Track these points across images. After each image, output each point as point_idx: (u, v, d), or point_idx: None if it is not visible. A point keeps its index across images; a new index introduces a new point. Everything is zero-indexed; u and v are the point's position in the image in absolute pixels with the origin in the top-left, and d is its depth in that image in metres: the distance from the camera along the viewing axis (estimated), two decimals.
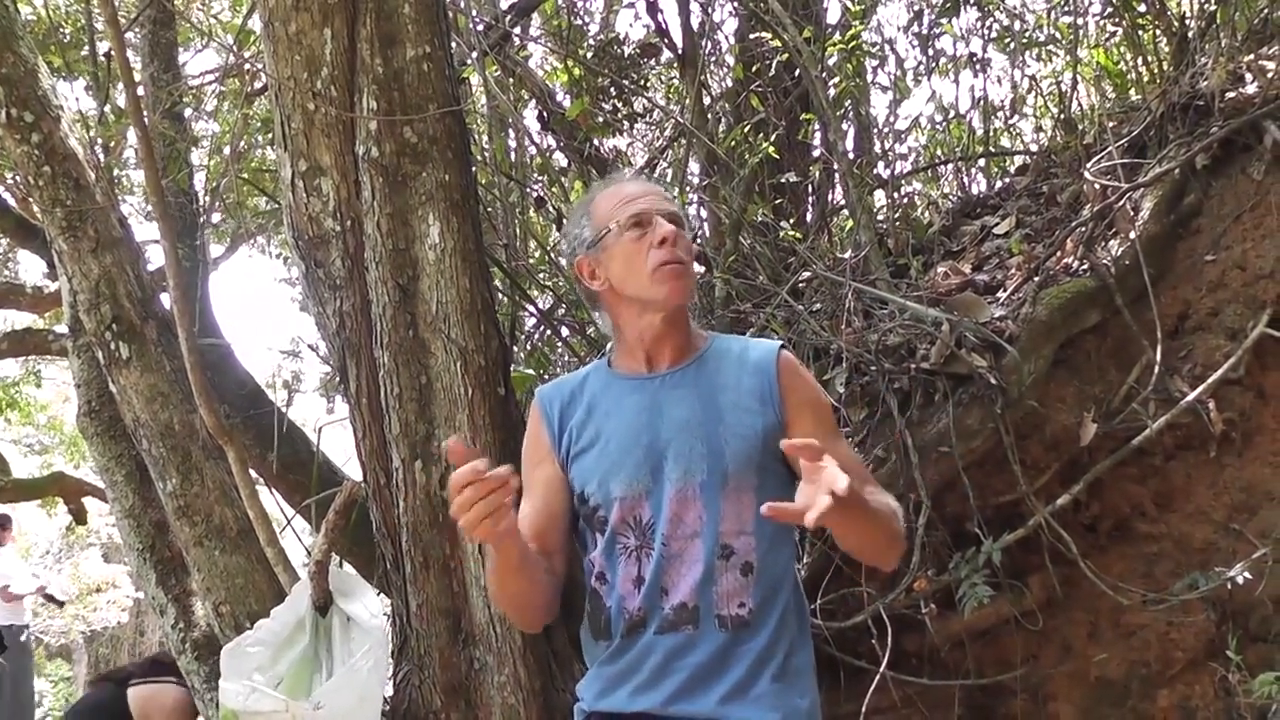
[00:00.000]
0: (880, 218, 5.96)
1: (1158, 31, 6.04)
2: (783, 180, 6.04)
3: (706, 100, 6.84)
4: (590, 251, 2.65)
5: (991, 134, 6.82)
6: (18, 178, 5.59)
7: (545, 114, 6.98)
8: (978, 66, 6.59)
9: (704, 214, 6.42)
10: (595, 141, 6.62)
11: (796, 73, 6.05)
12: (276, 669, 3.44)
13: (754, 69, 6.25)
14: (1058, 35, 6.86)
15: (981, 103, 6.66)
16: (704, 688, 2.46)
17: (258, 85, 6.40)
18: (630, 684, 2.53)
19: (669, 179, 6.81)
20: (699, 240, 2.85)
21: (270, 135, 4.68)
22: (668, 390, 2.61)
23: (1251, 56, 5.06)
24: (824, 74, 5.67)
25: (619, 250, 2.59)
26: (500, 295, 4.98)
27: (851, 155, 6.23)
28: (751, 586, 2.50)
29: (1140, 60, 6.18)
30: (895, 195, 6.16)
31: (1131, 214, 4.69)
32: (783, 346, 2.69)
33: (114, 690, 5.20)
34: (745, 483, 2.51)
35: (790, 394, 2.60)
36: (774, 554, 2.55)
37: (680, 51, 6.86)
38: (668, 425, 2.56)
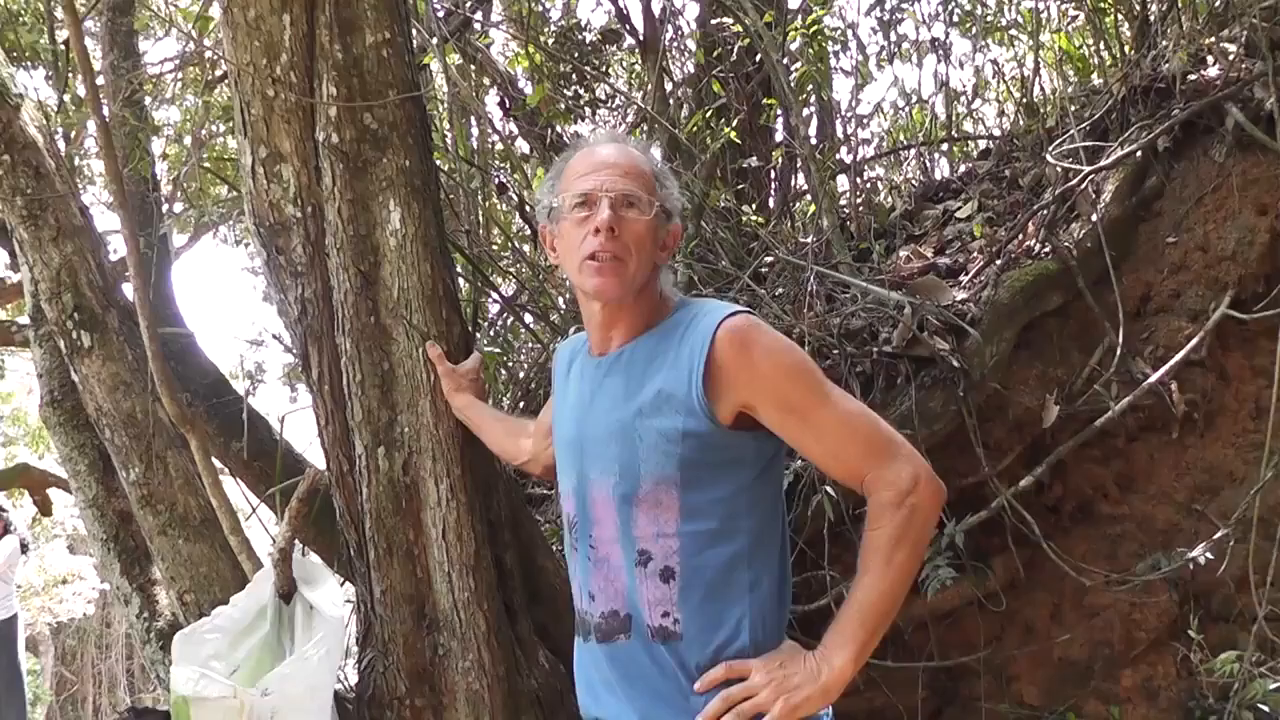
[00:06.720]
0: (843, 202, 5.97)
1: (1119, 15, 6.07)
2: (745, 165, 6.05)
3: (668, 86, 6.84)
4: (549, 222, 2.49)
5: (954, 118, 6.85)
6: None
7: (507, 100, 6.97)
8: (940, 51, 6.61)
9: None
10: (557, 127, 6.61)
11: (758, 58, 6.06)
12: (234, 656, 3.41)
13: (715, 54, 6.25)
14: (1020, 20, 6.88)
15: (944, 87, 6.68)
16: (639, 701, 2.32)
17: (219, 73, 6.35)
18: (583, 690, 2.49)
19: None
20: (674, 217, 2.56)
21: (231, 122, 4.65)
22: (606, 377, 2.42)
23: (1212, 39, 5.09)
24: (786, 59, 5.67)
25: (564, 228, 2.40)
26: (463, 281, 4.96)
27: (814, 140, 6.25)
28: (675, 595, 2.26)
29: (1102, 44, 6.21)
30: (858, 180, 6.16)
31: (1093, 197, 4.72)
32: (728, 318, 2.26)
33: None
34: (665, 481, 2.26)
35: (736, 382, 2.22)
36: (707, 556, 2.27)
37: (641, 37, 6.86)
38: (593, 420, 2.41)
